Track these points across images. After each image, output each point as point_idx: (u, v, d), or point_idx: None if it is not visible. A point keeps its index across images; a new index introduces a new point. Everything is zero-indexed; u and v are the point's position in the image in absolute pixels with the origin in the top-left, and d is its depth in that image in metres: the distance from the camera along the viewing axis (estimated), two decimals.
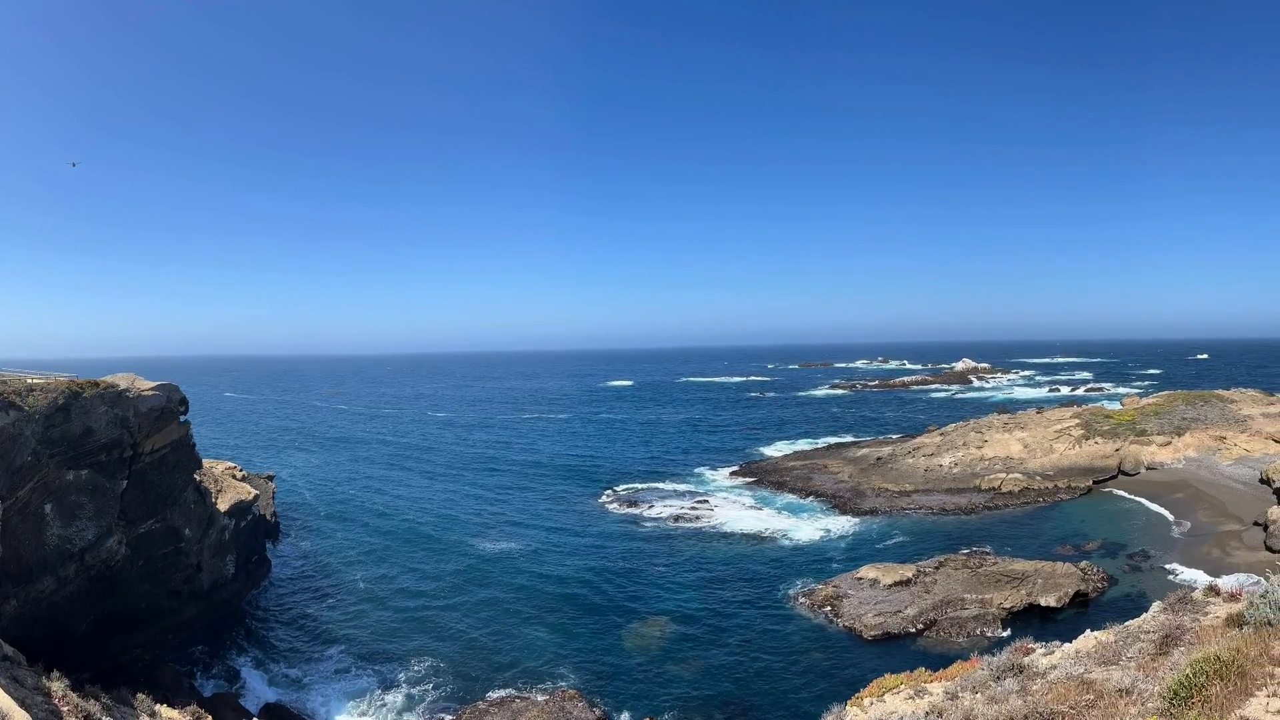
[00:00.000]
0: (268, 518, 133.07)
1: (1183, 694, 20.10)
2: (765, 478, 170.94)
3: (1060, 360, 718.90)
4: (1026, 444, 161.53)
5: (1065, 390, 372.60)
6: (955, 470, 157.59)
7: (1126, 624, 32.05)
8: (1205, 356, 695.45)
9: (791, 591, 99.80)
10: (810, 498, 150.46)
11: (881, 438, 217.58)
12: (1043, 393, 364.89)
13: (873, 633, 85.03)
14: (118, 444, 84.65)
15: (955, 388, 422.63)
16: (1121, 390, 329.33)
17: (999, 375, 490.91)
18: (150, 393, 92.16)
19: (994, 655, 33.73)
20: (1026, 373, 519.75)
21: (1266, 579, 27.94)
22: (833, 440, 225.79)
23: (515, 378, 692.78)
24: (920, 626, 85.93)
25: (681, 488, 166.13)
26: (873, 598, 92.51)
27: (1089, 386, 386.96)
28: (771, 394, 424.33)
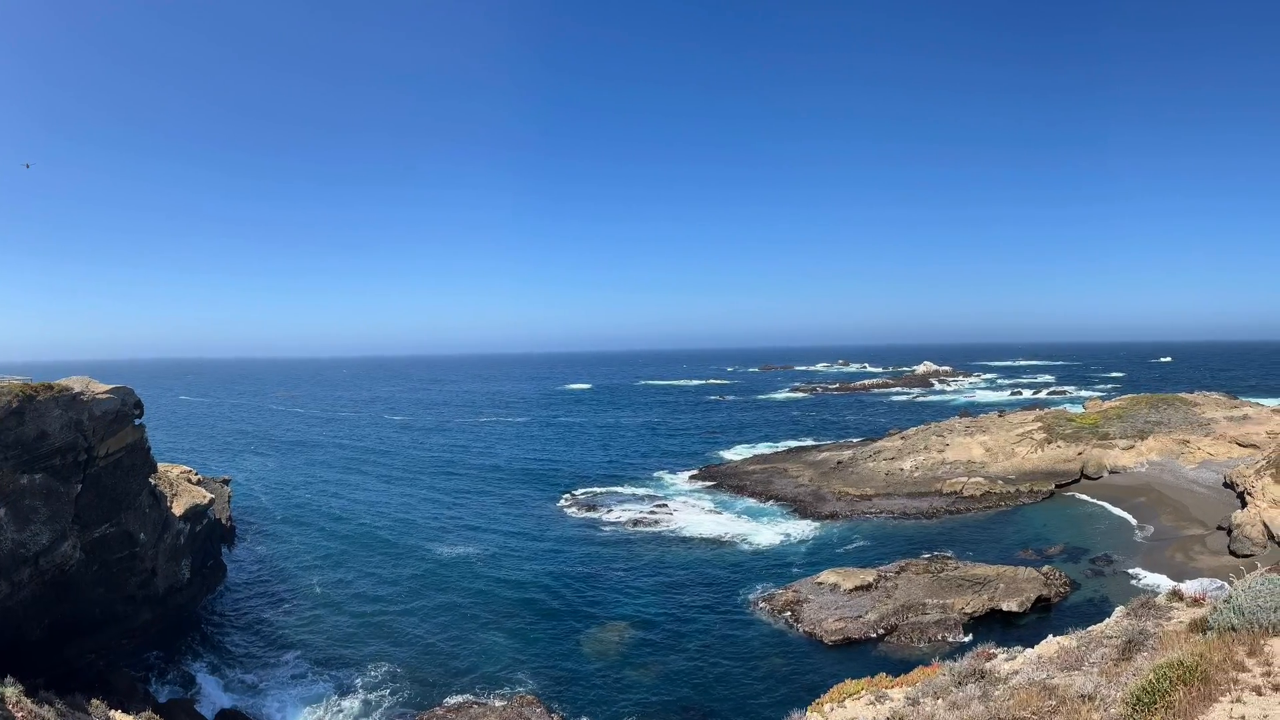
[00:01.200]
0: (223, 522, 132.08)
1: (1146, 699, 19.98)
2: (725, 481, 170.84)
3: (1022, 363, 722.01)
4: (988, 447, 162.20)
5: (1027, 393, 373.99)
6: (916, 474, 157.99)
7: (1089, 629, 31.99)
8: (1169, 359, 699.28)
9: (751, 596, 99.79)
10: (770, 502, 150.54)
11: (842, 441, 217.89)
12: (1004, 396, 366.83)
13: (833, 638, 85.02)
14: (72, 448, 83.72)
15: (916, 391, 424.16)
16: (1084, 393, 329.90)
17: (960, 378, 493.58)
18: (105, 396, 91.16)
19: (955, 660, 33.62)
20: (988, 376, 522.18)
21: (1230, 583, 27.91)
22: (793, 444, 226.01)
23: (473, 380, 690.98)
24: (881, 631, 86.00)
25: (640, 491, 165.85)
26: (833, 602, 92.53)
27: (1051, 389, 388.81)
28: (731, 397, 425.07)
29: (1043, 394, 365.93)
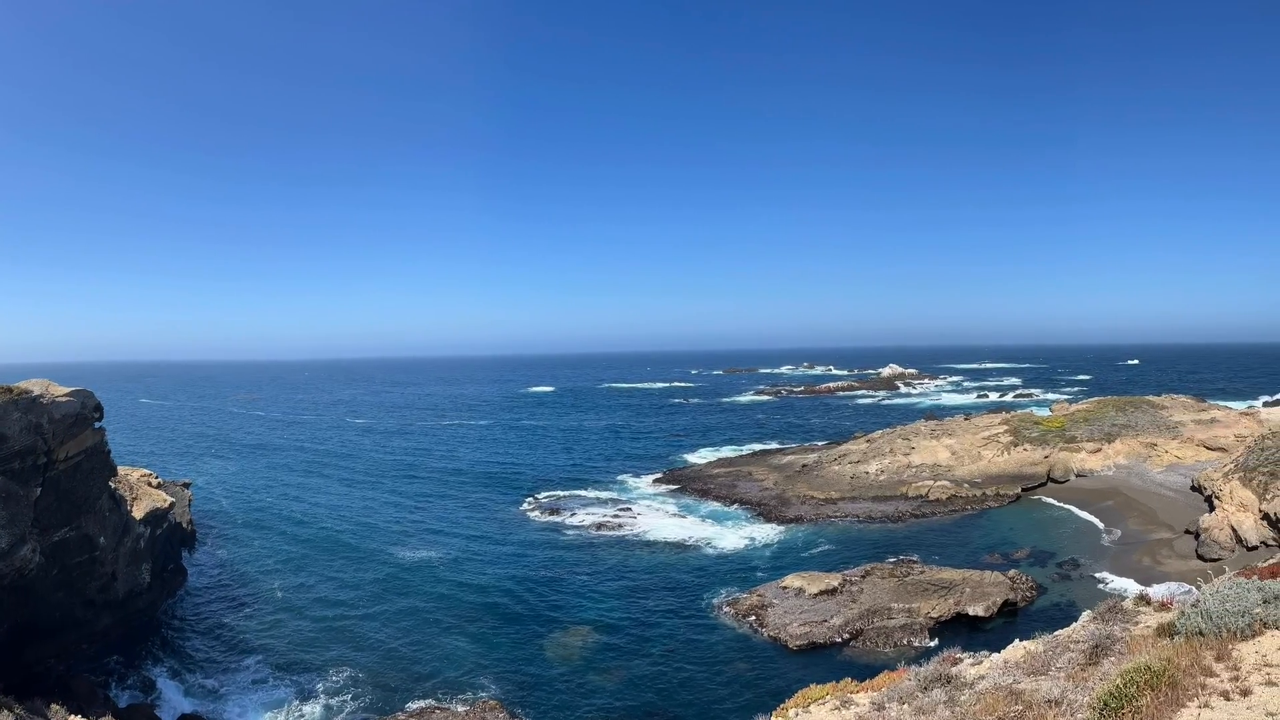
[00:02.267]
0: (184, 526, 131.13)
1: (1113, 704, 19.85)
2: (689, 485, 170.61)
3: (989, 366, 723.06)
4: (954, 451, 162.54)
5: (994, 396, 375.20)
6: (882, 477, 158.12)
7: (1056, 634, 31.93)
8: (1136, 362, 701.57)
9: (716, 601, 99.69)
10: (735, 505, 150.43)
11: (807, 444, 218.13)
12: (971, 399, 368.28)
13: (798, 642, 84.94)
14: (31, 451, 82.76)
15: (882, 394, 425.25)
16: (1051, 396, 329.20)
17: (926, 381, 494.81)
18: (65, 399, 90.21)
19: (921, 665, 33.42)
20: (954, 379, 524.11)
21: (1198, 588, 27.94)
22: (758, 447, 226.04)
23: (435, 383, 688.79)
24: (846, 636, 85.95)
25: (604, 495, 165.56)
26: (798, 607, 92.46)
27: (1018, 393, 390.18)
28: (695, 400, 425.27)
29: (1009, 397, 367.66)
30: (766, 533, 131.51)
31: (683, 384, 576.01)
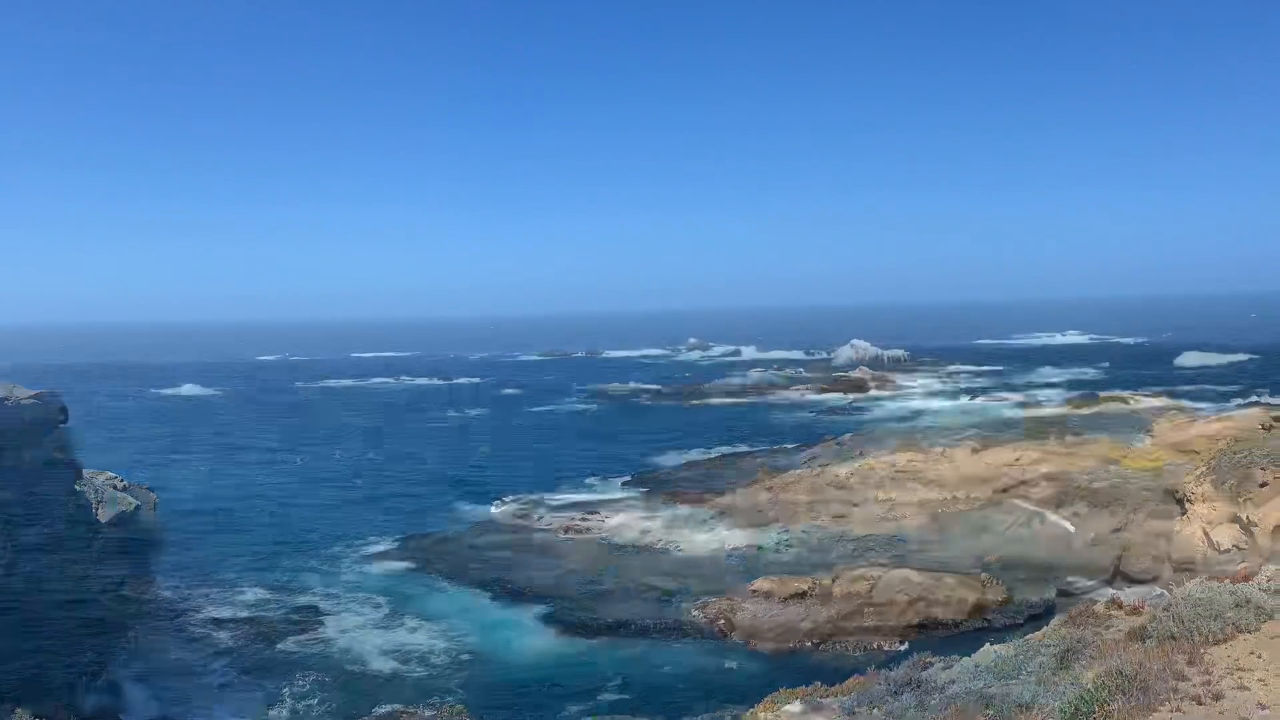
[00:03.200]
0: (151, 528, 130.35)
1: (1084, 709, 19.89)
2: (658, 488, 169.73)
3: (961, 367, 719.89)
4: (926, 452, 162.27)
5: (965, 399, 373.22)
6: (852, 480, 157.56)
7: (1027, 638, 31.93)
8: (1108, 364, 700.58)
9: (685, 604, 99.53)
10: (704, 508, 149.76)
11: (776, 447, 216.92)
12: (943, 400, 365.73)
13: (768, 646, 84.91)
14: None
15: (853, 395, 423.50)
16: (1023, 396, 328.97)
17: (899, 381, 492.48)
18: (29, 401, 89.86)
19: (892, 670, 33.50)
20: (925, 379, 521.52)
21: (1170, 591, 27.96)
22: (727, 450, 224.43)
23: (403, 381, 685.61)
24: (816, 640, 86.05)
25: (572, 498, 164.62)
26: (767, 611, 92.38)
27: (990, 394, 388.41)
28: (665, 402, 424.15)
29: (979, 400, 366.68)
30: (735, 536, 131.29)
31: (652, 385, 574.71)
